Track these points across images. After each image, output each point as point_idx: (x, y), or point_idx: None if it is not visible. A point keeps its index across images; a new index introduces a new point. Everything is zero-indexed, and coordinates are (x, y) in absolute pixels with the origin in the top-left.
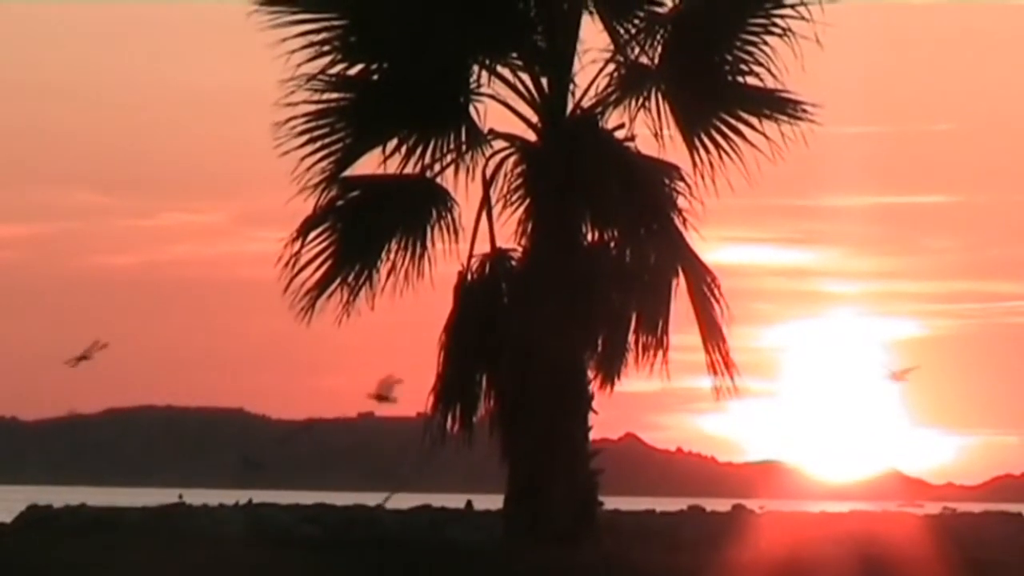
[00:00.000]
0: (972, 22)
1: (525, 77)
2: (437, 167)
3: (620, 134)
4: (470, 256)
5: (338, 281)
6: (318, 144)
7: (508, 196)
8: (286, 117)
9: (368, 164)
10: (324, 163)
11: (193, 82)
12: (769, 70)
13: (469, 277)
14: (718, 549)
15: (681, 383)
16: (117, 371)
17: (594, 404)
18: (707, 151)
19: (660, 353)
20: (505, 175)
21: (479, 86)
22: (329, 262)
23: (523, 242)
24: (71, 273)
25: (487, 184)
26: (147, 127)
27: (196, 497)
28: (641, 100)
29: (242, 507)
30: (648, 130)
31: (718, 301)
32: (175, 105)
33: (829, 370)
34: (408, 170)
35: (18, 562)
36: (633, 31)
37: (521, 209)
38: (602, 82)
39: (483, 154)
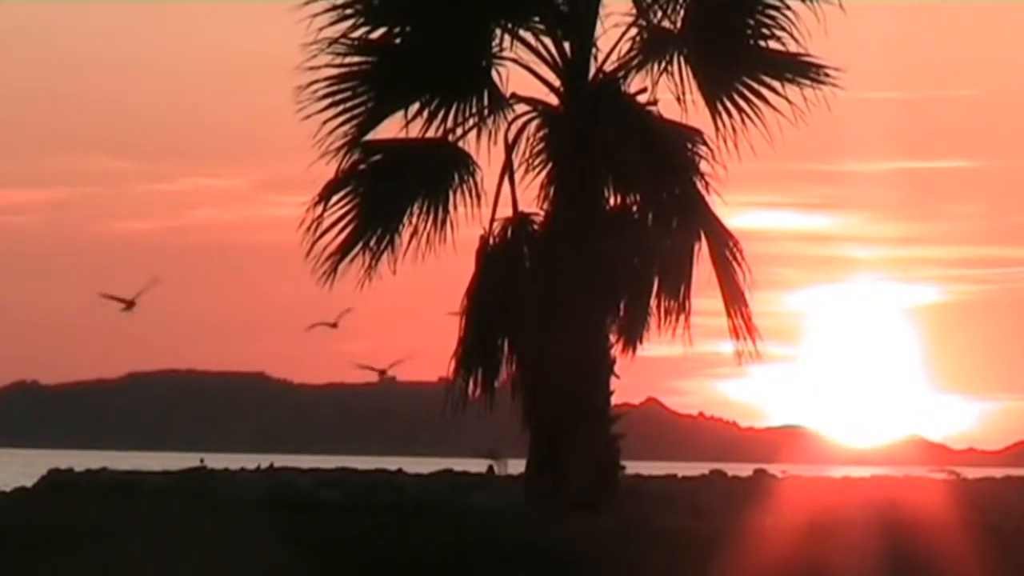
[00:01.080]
0: None
1: (547, 41)
2: (459, 131)
3: (642, 98)
4: (492, 220)
5: (360, 245)
6: (340, 108)
7: (530, 160)
8: (308, 81)
9: (390, 128)
10: (346, 127)
11: (214, 46)
12: (791, 34)
13: (491, 241)
14: (740, 514)
15: (703, 348)
16: (138, 336)
17: (616, 369)
18: (729, 115)
19: (682, 318)
20: (527, 139)
21: (501, 50)
22: (351, 226)
23: (545, 206)
24: (91, 238)
25: (509, 148)
26: (167, 91)
27: (217, 461)
28: (663, 64)
29: (263, 471)
30: (670, 94)
31: (740, 266)
32: (195, 69)
33: (851, 335)
34: (430, 134)
35: (39, 526)
36: None
37: (543, 173)
38: (624, 46)
39: (505, 118)
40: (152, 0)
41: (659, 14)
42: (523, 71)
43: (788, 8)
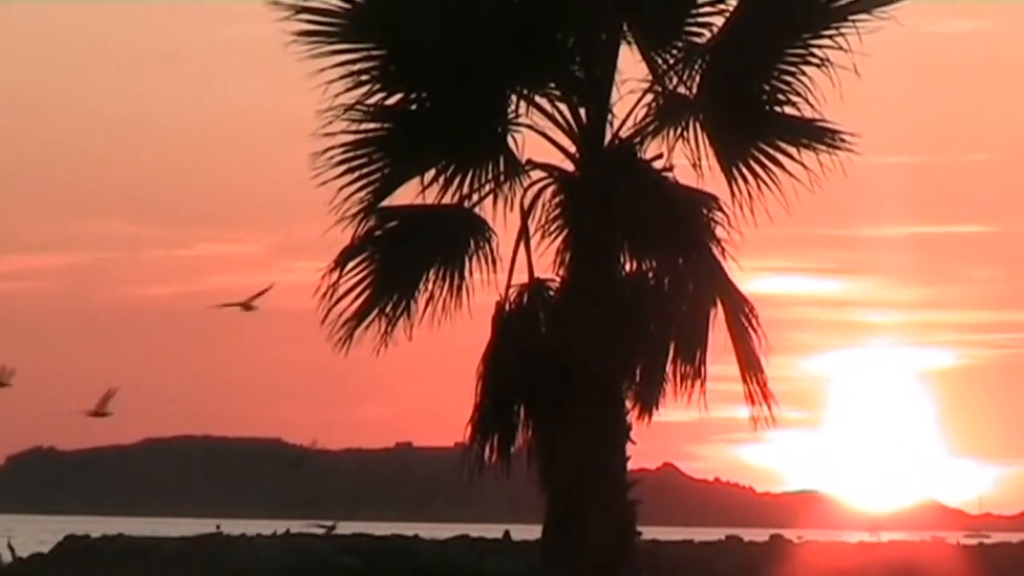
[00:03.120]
0: (1007, 52)
1: (563, 107)
2: (475, 197)
3: (658, 164)
4: (508, 286)
5: (376, 311)
6: (356, 174)
7: (546, 226)
8: (324, 147)
9: (406, 194)
10: (362, 193)
11: (230, 112)
12: (807, 100)
13: (507, 307)
14: None
15: (719, 413)
16: (155, 401)
17: (632, 434)
18: (745, 181)
19: (698, 383)
20: (543, 205)
21: (517, 116)
22: (367, 292)
23: (561, 272)
24: (107, 303)
25: (525, 214)
26: (184, 157)
27: (234, 527)
28: (679, 130)
29: (280, 537)
30: (686, 160)
31: (756, 331)
32: (212, 135)
33: (867, 400)
34: (446, 200)
35: None
36: (671, 61)
37: (559, 239)
38: (640, 112)
39: (521, 184)
40: (168, 66)
41: (675, 80)
42: (539, 137)
43: (804, 73)
